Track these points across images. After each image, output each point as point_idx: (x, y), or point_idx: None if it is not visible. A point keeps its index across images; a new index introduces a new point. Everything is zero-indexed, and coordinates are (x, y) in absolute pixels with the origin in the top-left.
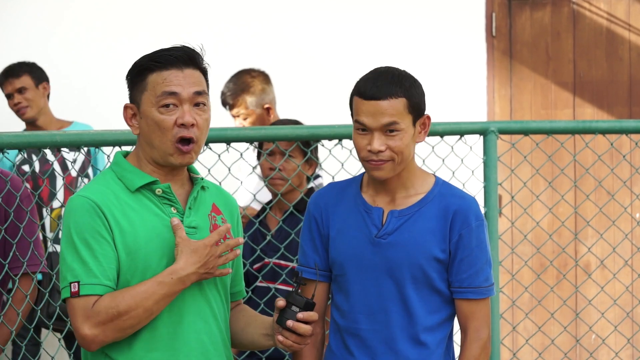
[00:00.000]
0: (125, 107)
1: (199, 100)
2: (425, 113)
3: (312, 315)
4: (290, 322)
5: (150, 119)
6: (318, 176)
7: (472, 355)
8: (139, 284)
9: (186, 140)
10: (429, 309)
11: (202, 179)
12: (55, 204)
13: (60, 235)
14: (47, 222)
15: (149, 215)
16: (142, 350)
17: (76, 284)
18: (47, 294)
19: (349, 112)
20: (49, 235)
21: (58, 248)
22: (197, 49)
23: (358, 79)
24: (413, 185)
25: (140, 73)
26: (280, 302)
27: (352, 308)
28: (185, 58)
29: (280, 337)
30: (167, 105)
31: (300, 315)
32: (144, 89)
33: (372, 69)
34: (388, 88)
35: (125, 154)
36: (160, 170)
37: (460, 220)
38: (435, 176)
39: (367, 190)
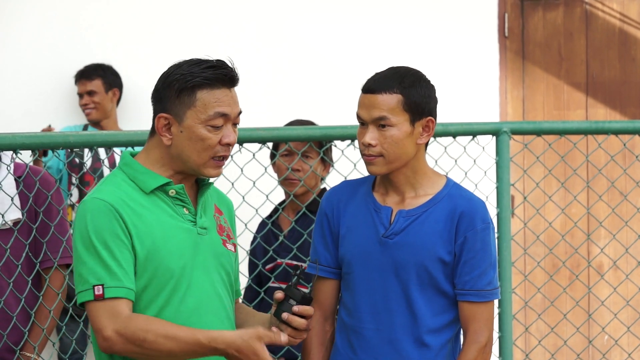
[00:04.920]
0: (159, 117)
1: (238, 119)
2: (431, 117)
3: (307, 309)
4: (285, 315)
5: (196, 135)
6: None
7: (467, 358)
8: (179, 327)
9: (222, 157)
10: (434, 310)
11: (208, 179)
12: None
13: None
14: None
15: (163, 216)
16: None
17: (100, 287)
18: None
19: None
20: None
21: None
22: (230, 64)
23: None
24: (422, 186)
25: (188, 88)
26: (279, 294)
27: (358, 307)
28: (233, 78)
29: (274, 329)
30: (216, 126)
31: (295, 308)
32: (191, 105)
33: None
34: (384, 83)
35: (133, 154)
36: (178, 176)
37: (466, 222)
38: (447, 178)
39: (378, 190)
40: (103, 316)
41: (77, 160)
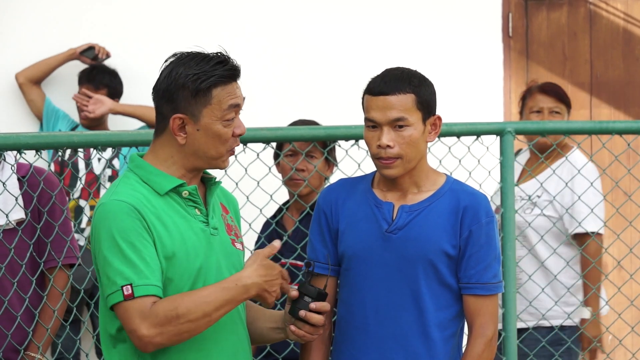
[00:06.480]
0: (175, 118)
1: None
2: (437, 114)
3: (324, 305)
4: (303, 312)
5: (213, 132)
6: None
7: (475, 352)
8: (200, 289)
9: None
10: (439, 304)
11: (215, 178)
12: (76, 195)
13: (85, 233)
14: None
15: (178, 217)
16: (174, 351)
17: (129, 286)
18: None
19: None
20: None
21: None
22: (229, 56)
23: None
24: (424, 184)
25: (204, 88)
26: (293, 292)
27: (361, 303)
28: (238, 70)
29: (292, 327)
30: (231, 119)
31: (313, 305)
32: (207, 103)
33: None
34: (396, 84)
35: (140, 155)
36: (189, 174)
37: (470, 216)
38: (446, 175)
39: (378, 187)
40: (135, 315)
41: (60, 155)
